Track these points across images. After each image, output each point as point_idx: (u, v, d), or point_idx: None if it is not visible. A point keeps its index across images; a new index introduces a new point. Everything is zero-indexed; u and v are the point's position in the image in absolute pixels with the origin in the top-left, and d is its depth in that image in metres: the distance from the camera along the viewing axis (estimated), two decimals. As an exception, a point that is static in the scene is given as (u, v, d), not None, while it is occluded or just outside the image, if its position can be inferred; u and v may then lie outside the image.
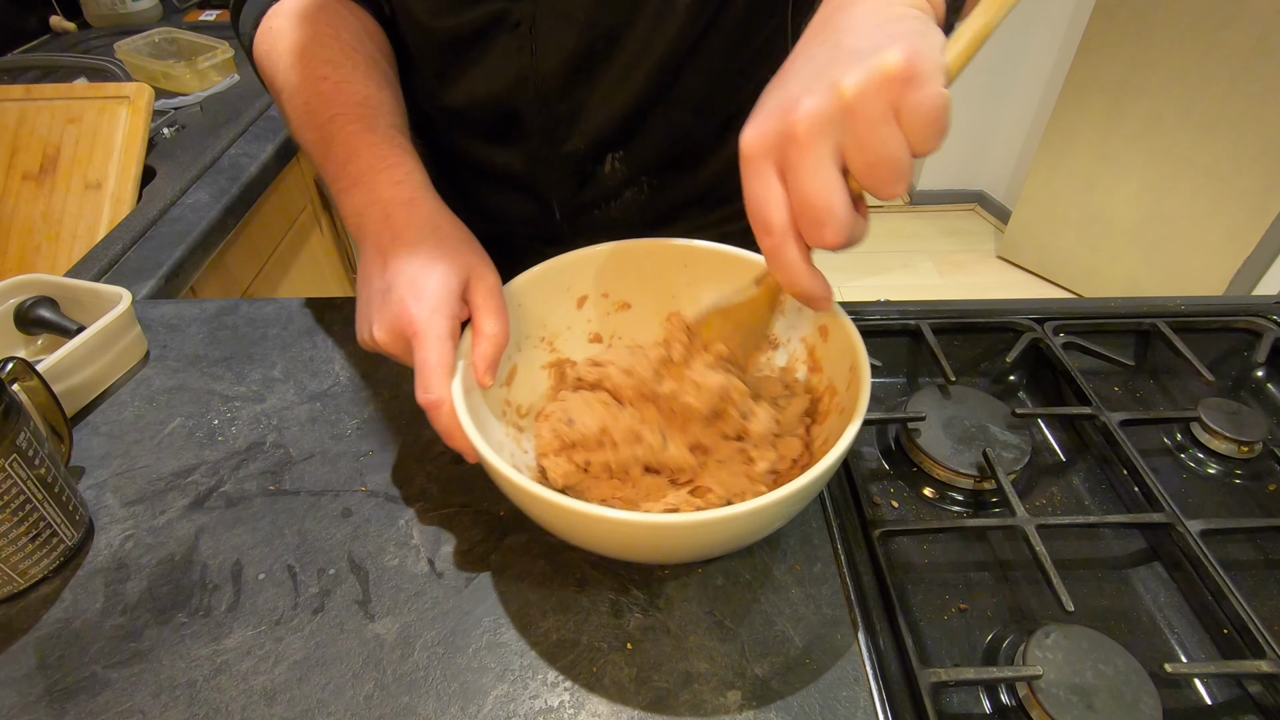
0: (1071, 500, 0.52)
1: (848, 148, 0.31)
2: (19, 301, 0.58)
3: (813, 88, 0.31)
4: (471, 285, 0.43)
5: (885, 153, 0.30)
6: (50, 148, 0.91)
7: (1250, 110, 1.72)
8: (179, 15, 1.44)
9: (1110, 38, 1.91)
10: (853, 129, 0.30)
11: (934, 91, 0.29)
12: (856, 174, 0.31)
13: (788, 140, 0.31)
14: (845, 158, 0.31)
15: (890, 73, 0.29)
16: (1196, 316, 0.63)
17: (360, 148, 0.47)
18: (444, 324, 0.40)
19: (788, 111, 0.31)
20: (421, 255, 0.42)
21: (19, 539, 0.41)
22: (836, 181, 0.31)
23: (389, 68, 0.55)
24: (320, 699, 0.38)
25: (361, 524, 0.46)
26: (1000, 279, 2.36)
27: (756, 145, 0.33)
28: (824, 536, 0.46)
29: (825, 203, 0.31)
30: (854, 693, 0.38)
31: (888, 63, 0.29)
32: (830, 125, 0.30)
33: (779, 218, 0.32)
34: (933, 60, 0.29)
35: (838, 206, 0.31)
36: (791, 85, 0.33)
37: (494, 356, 0.42)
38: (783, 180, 0.32)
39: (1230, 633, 0.43)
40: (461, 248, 0.44)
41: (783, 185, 0.32)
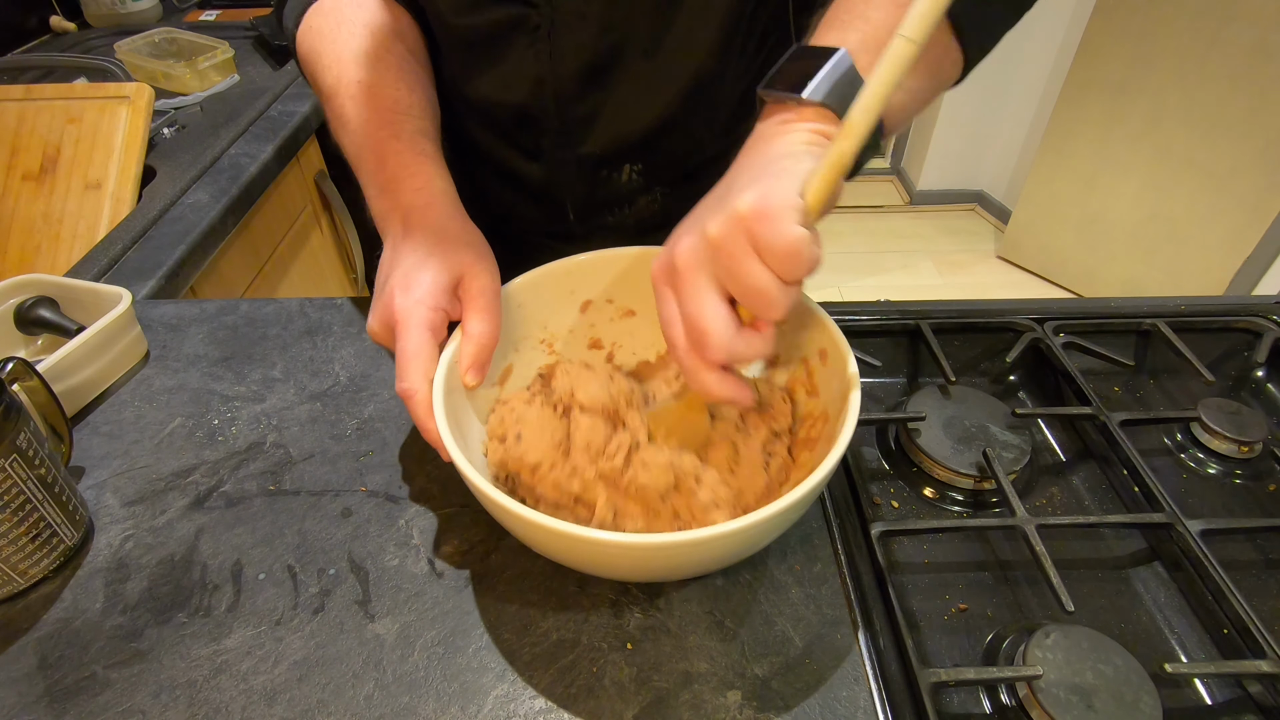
0: (1071, 500, 0.52)
1: (722, 279, 0.35)
2: (19, 301, 0.58)
3: (692, 228, 0.36)
4: (464, 283, 0.43)
5: (752, 283, 0.34)
6: (50, 148, 0.91)
7: (1250, 110, 1.72)
8: (179, 15, 1.44)
9: (1110, 38, 1.91)
10: (720, 265, 0.35)
11: (783, 228, 0.32)
12: (738, 299, 0.36)
13: (672, 272, 0.37)
14: (726, 287, 0.35)
15: (740, 215, 0.33)
16: (1196, 316, 0.63)
17: (388, 155, 0.49)
18: (425, 314, 0.41)
19: (674, 248, 0.37)
20: (420, 253, 0.43)
21: (19, 539, 0.41)
22: (712, 307, 0.35)
23: (421, 66, 0.56)
24: (320, 699, 0.38)
25: (361, 524, 0.46)
26: (1000, 279, 2.36)
27: (657, 274, 0.38)
28: (824, 536, 0.46)
29: (700, 325, 0.35)
30: (854, 693, 0.38)
31: (739, 206, 0.33)
32: (702, 261, 0.35)
33: (678, 335, 0.37)
34: (782, 199, 0.33)
35: (711, 328, 0.35)
36: (689, 222, 0.38)
37: (478, 356, 0.42)
38: (676, 300, 0.37)
39: (1230, 633, 0.43)
40: (461, 247, 0.44)
41: (675, 307, 0.37)
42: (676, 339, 0.37)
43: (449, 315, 0.43)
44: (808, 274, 0.34)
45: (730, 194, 0.35)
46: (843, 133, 0.34)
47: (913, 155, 2.70)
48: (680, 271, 0.36)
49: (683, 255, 0.36)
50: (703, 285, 0.35)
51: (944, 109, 2.42)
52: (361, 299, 0.64)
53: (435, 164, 0.49)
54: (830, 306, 0.62)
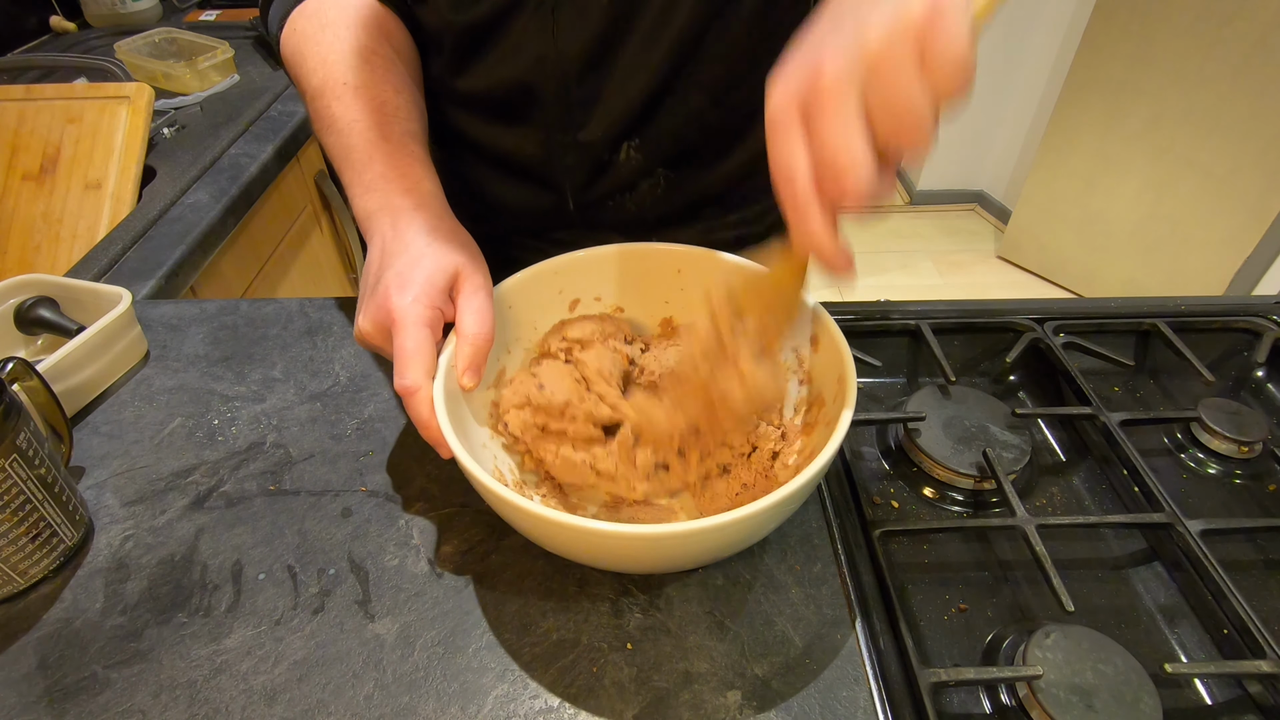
0: (1071, 500, 0.52)
1: (872, 100, 0.30)
2: (19, 301, 0.58)
3: (837, 41, 0.31)
4: (458, 284, 0.43)
5: (909, 103, 0.29)
6: (50, 148, 0.91)
7: (1250, 110, 1.72)
8: (179, 15, 1.44)
9: (1110, 38, 1.91)
10: (877, 79, 0.30)
11: (958, 38, 0.28)
12: (880, 126, 0.30)
13: (813, 95, 0.31)
14: (869, 112, 0.30)
15: (915, 20, 0.29)
16: (1196, 316, 0.63)
17: (375, 155, 0.48)
18: (423, 312, 0.41)
19: (813, 66, 0.31)
20: (413, 252, 0.43)
21: (19, 539, 0.41)
22: (860, 136, 0.30)
23: (408, 67, 0.56)
24: (320, 699, 0.38)
25: (361, 524, 0.46)
26: (1000, 279, 2.36)
27: (780, 103, 0.32)
28: (824, 536, 0.46)
29: (848, 157, 0.30)
30: (854, 693, 0.38)
31: (912, 11, 0.29)
32: (855, 77, 0.30)
33: (802, 175, 0.32)
34: (957, 7, 0.29)
35: (859, 161, 0.30)
36: (816, 41, 0.32)
37: (474, 358, 0.42)
38: (808, 139, 0.31)
39: (1230, 633, 0.43)
40: (454, 247, 0.44)
41: (807, 145, 0.31)
42: (799, 180, 0.32)
43: (444, 315, 0.43)
44: (966, 94, 0.30)
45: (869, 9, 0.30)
46: None
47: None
48: (827, 92, 0.30)
49: (831, 72, 0.30)
50: (853, 111, 0.30)
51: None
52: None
53: (424, 166, 0.49)
54: (830, 306, 0.62)
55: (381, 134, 0.49)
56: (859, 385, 0.61)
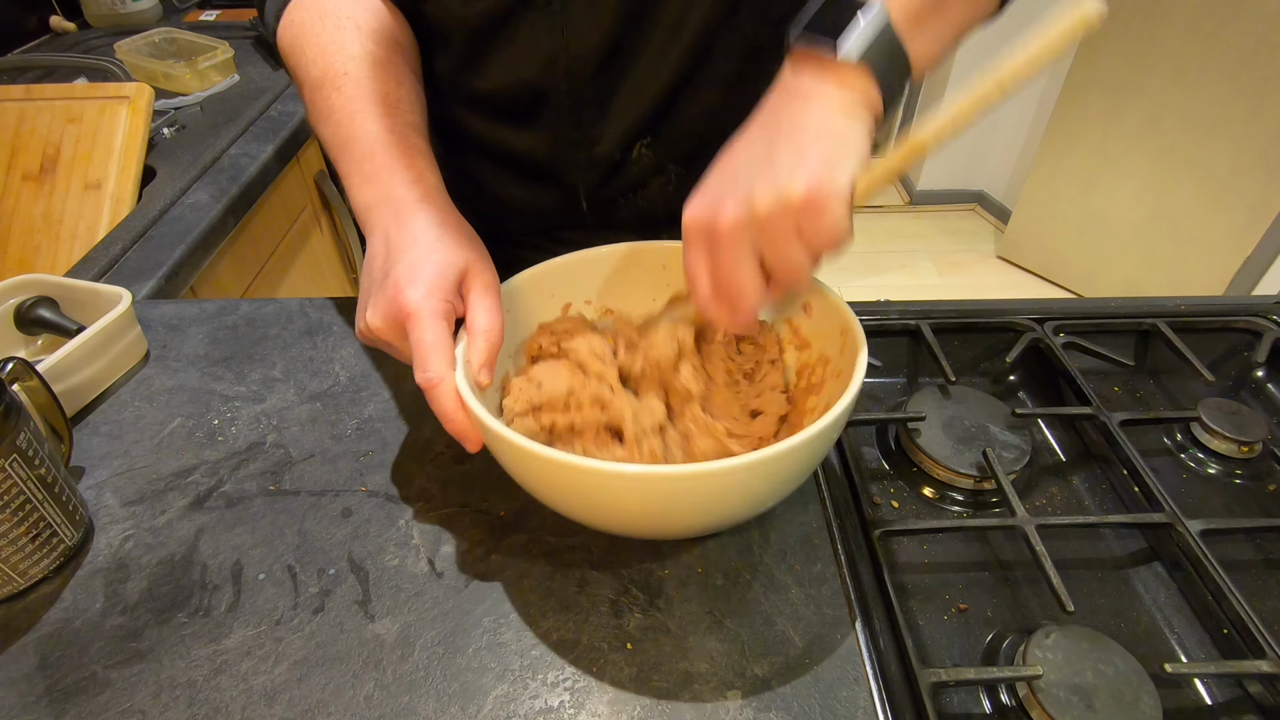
0: (1071, 500, 0.52)
1: (761, 249, 0.37)
2: (19, 301, 0.58)
3: (739, 193, 0.37)
4: (467, 280, 0.43)
5: (789, 261, 0.37)
6: (50, 148, 0.91)
7: (1250, 110, 1.72)
8: (179, 15, 1.44)
9: (1110, 38, 1.91)
10: (763, 239, 0.37)
11: (830, 219, 0.35)
12: (767, 268, 0.38)
13: (713, 235, 0.38)
14: (760, 254, 0.38)
15: (792, 202, 0.35)
16: (1196, 316, 0.63)
17: (377, 147, 0.48)
18: (438, 305, 0.41)
19: (716, 211, 0.38)
20: (422, 246, 0.43)
21: (19, 539, 0.41)
22: (748, 275, 0.38)
23: (408, 61, 0.55)
24: (320, 699, 0.38)
25: (361, 524, 0.46)
26: (1000, 279, 2.36)
27: (690, 226, 0.39)
28: (824, 536, 0.46)
29: (735, 291, 0.38)
30: (854, 693, 0.38)
31: (793, 192, 0.35)
32: (745, 232, 0.37)
33: (703, 287, 0.40)
34: (832, 190, 0.35)
35: (745, 295, 0.38)
36: (729, 177, 0.39)
37: (489, 354, 0.42)
38: (709, 262, 0.39)
39: (1230, 633, 0.43)
40: (462, 243, 0.44)
41: (708, 265, 0.39)
42: (702, 289, 0.40)
43: (455, 311, 0.42)
44: (837, 257, 0.37)
45: (777, 167, 0.36)
46: (904, 148, 0.36)
47: (913, 155, 2.70)
48: (722, 236, 0.37)
49: (727, 222, 0.37)
50: (744, 254, 0.38)
51: (944, 109, 2.42)
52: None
53: (427, 159, 0.49)
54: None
55: (383, 125, 0.49)
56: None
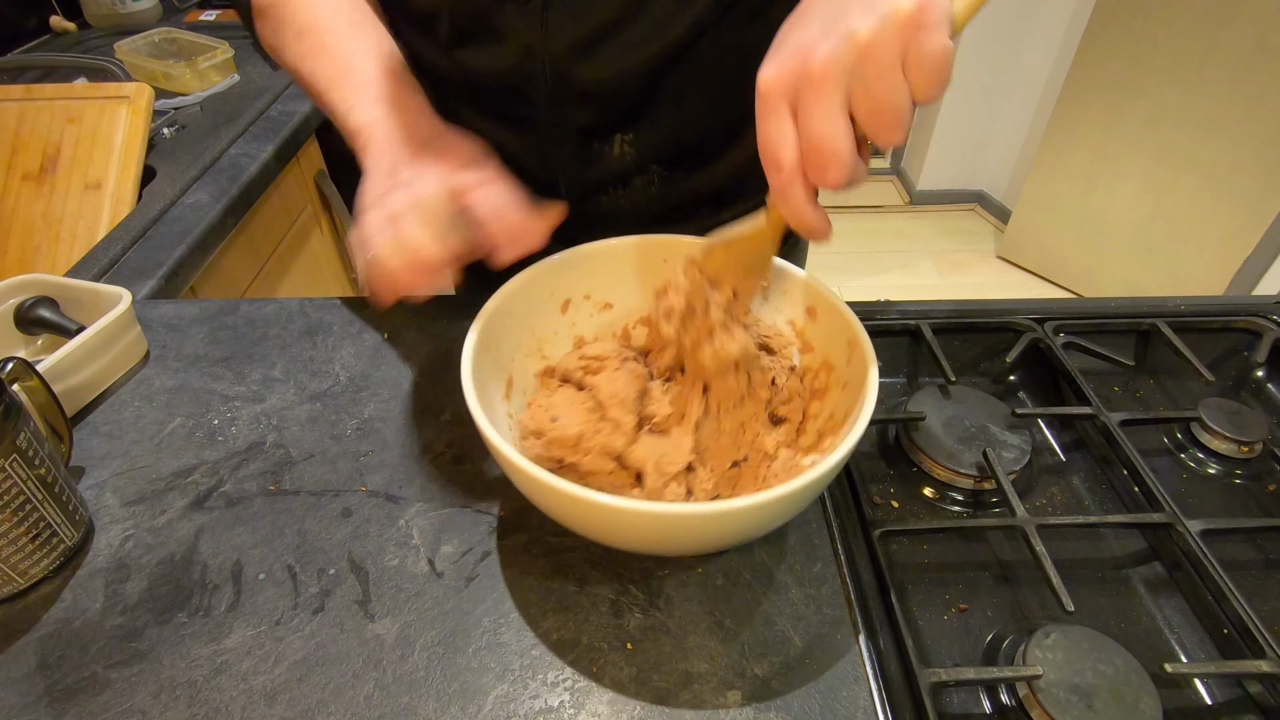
0: (1071, 500, 0.52)
1: (856, 92, 0.32)
2: (19, 301, 0.58)
3: (829, 31, 0.32)
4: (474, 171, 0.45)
5: (890, 99, 0.32)
6: (50, 148, 0.91)
7: (1250, 110, 1.72)
8: (179, 15, 1.44)
9: (1110, 38, 1.91)
10: (863, 74, 0.32)
11: (939, 40, 0.31)
12: (861, 118, 0.33)
13: (804, 82, 0.33)
14: (853, 102, 0.33)
15: (901, 19, 0.31)
16: (1196, 316, 0.63)
17: (382, 80, 0.50)
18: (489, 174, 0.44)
19: (806, 54, 0.33)
20: (450, 135, 0.46)
21: (19, 539, 0.41)
22: (845, 126, 0.33)
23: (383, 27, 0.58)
24: (320, 699, 0.38)
25: (361, 524, 0.46)
26: (1000, 279, 2.36)
27: (773, 86, 0.34)
28: (824, 536, 0.46)
29: (833, 145, 0.33)
30: (854, 693, 0.38)
31: (900, 9, 0.31)
32: (844, 69, 0.32)
33: (789, 157, 0.34)
34: (941, 8, 0.31)
35: (843, 150, 0.33)
36: (808, 27, 0.34)
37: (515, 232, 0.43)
38: (794, 120, 0.34)
39: (1230, 633, 0.43)
40: (467, 146, 0.47)
41: (794, 126, 0.34)
42: (785, 160, 0.34)
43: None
44: (943, 92, 0.32)
45: (860, 3, 0.32)
46: None
47: (913, 155, 2.70)
48: (818, 79, 0.32)
49: (823, 63, 0.32)
50: (839, 99, 0.33)
51: (944, 109, 2.42)
52: (361, 299, 0.64)
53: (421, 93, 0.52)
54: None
55: (383, 69, 0.51)
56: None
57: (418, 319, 0.62)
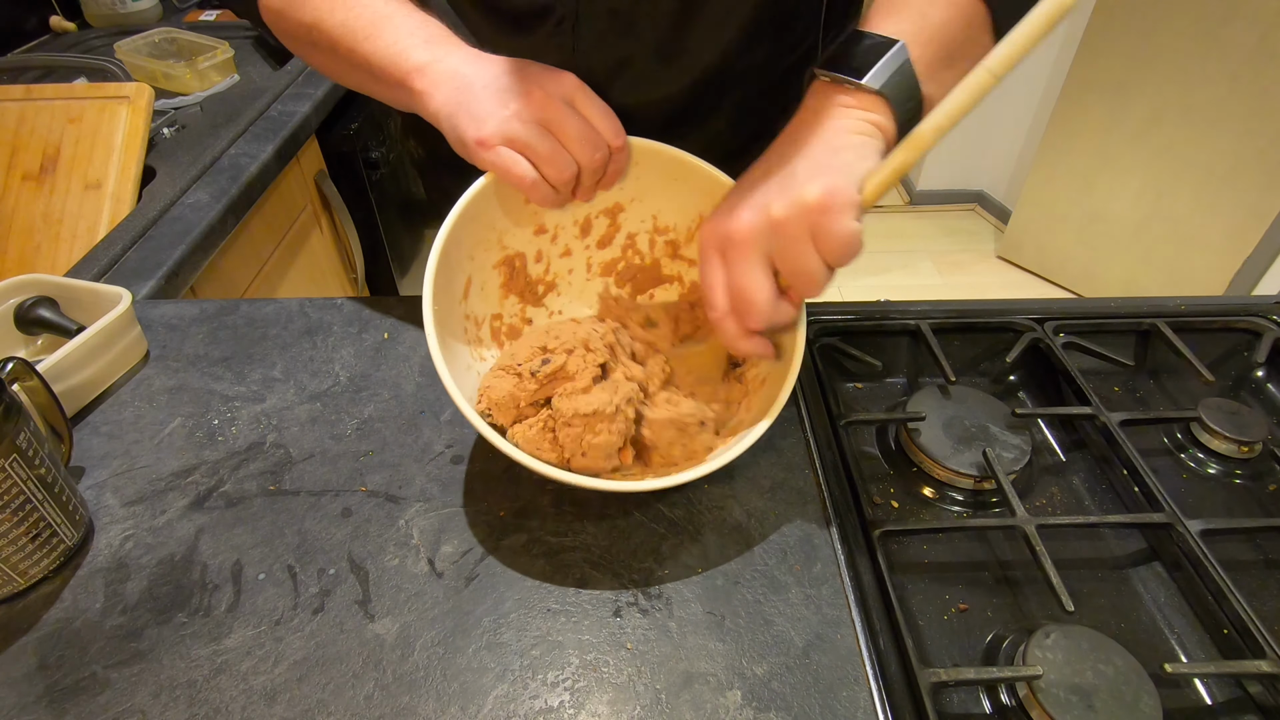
0: (1071, 500, 0.52)
1: (774, 257, 0.39)
2: (19, 301, 0.58)
3: (755, 203, 0.39)
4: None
5: (802, 266, 0.38)
6: (50, 148, 0.91)
7: (1250, 110, 1.72)
8: (179, 15, 1.44)
9: (1110, 38, 1.90)
10: (778, 244, 0.38)
11: (843, 224, 0.36)
12: (782, 277, 0.40)
13: (728, 242, 0.40)
14: (774, 263, 0.39)
15: (808, 204, 0.36)
16: (1196, 316, 0.63)
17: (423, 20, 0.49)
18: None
19: (734, 218, 0.39)
20: (525, 71, 0.46)
21: (19, 539, 0.41)
22: (761, 280, 0.39)
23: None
24: (320, 699, 0.38)
25: (361, 524, 0.46)
26: (1000, 279, 2.35)
27: (708, 239, 0.41)
28: (824, 536, 0.46)
29: (749, 296, 0.40)
30: (854, 693, 0.38)
31: (807, 196, 0.36)
32: (760, 238, 0.39)
33: (719, 300, 0.41)
34: (846, 196, 0.36)
35: (759, 300, 0.39)
36: (746, 192, 0.41)
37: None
38: (725, 273, 0.41)
39: (1230, 633, 0.43)
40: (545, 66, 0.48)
41: (723, 273, 0.41)
42: (718, 302, 0.41)
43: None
44: (848, 263, 0.38)
45: (793, 178, 0.38)
46: (909, 144, 0.37)
47: (913, 155, 2.70)
48: (737, 243, 0.39)
49: (742, 228, 0.39)
50: (756, 260, 0.39)
51: (944, 109, 2.42)
52: (361, 299, 0.64)
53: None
54: (830, 306, 0.62)
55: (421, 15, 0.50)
56: (859, 386, 0.61)
57: (418, 319, 0.62)
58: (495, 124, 0.44)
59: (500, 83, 0.45)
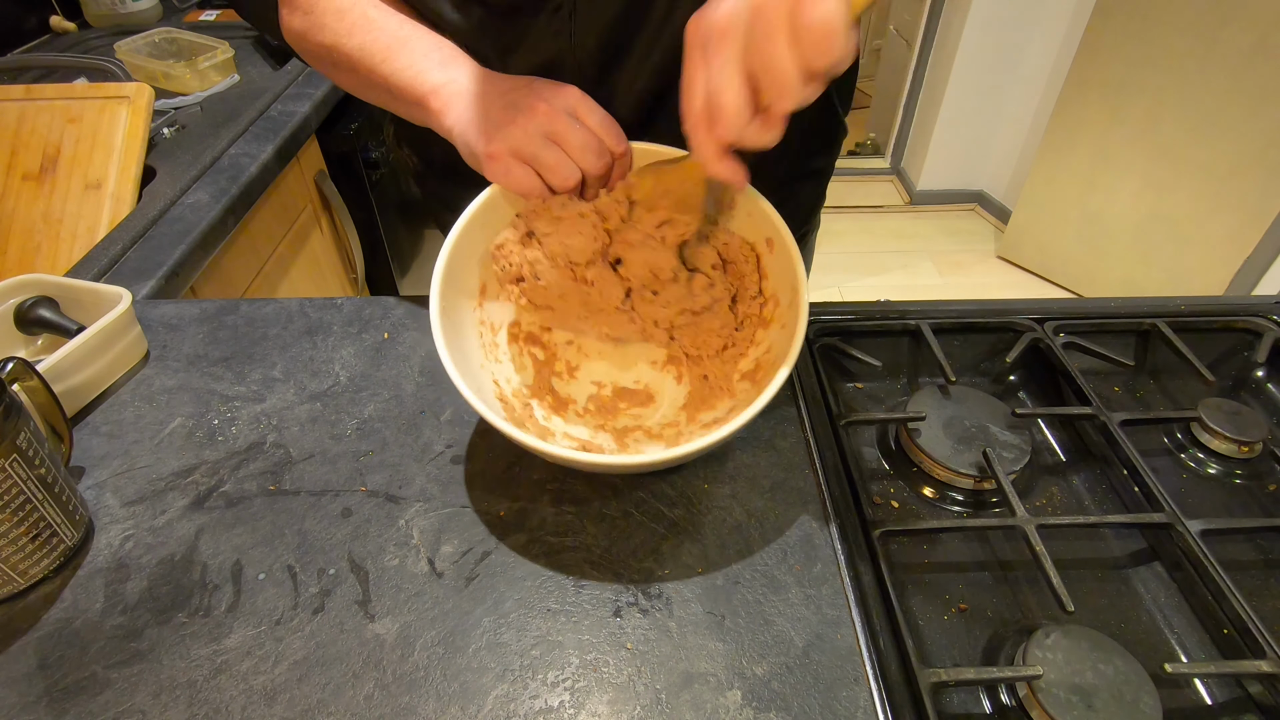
0: (1071, 500, 0.52)
1: (748, 51, 0.34)
2: (19, 301, 0.58)
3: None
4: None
5: (774, 62, 0.33)
6: (50, 148, 0.91)
7: (1250, 110, 1.72)
8: (179, 15, 1.44)
9: (1110, 38, 1.90)
10: (754, 33, 0.34)
11: (822, 9, 0.31)
12: (754, 80, 0.35)
13: (709, 35, 0.36)
14: (747, 65, 0.35)
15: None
16: (1196, 316, 0.63)
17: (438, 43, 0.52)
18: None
19: (718, 7, 0.35)
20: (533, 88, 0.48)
21: (19, 539, 0.41)
22: (735, 82, 0.35)
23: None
24: (320, 699, 0.38)
25: (361, 524, 0.46)
26: (1000, 279, 2.35)
27: (691, 36, 0.37)
28: (824, 536, 0.46)
29: (720, 99, 0.35)
30: (854, 693, 0.38)
31: None
32: (740, 28, 0.34)
33: (694, 106, 0.37)
34: None
35: (728, 105, 0.35)
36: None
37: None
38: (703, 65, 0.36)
39: (1230, 633, 0.43)
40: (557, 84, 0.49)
41: (702, 70, 0.36)
42: (692, 107, 0.37)
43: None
44: (832, 63, 0.33)
45: None
46: None
47: (913, 155, 2.70)
48: (714, 36, 0.35)
49: (721, 19, 0.35)
50: (731, 59, 0.35)
51: (944, 109, 2.42)
52: (361, 299, 0.64)
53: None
54: (830, 306, 0.62)
55: (436, 38, 0.52)
56: (859, 387, 0.61)
57: (418, 319, 0.62)
58: (502, 137, 0.46)
59: (507, 99, 0.47)
